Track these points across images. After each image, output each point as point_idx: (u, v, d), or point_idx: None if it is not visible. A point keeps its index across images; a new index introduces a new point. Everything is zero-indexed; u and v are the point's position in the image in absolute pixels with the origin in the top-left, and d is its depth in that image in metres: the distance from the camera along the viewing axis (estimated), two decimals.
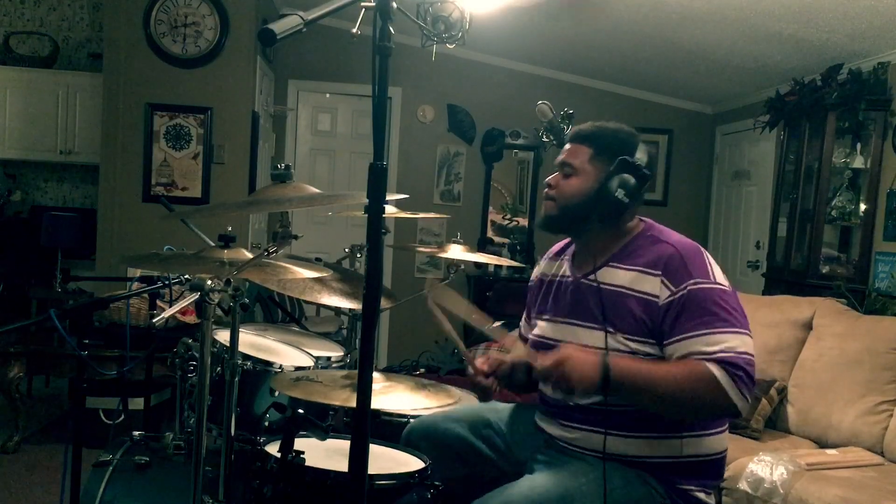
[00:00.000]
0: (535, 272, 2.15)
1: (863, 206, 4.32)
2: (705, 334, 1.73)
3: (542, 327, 2.03)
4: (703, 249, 1.86)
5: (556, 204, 1.94)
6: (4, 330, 1.83)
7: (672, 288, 1.78)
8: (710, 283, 1.77)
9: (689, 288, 1.76)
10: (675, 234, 1.91)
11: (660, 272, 1.80)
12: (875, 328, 3.26)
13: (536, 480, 1.80)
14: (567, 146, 1.96)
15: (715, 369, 1.69)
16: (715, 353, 1.71)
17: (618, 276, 1.86)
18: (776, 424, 3.38)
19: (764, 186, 5.60)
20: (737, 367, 1.69)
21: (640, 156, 1.88)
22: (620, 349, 1.81)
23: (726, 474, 2.92)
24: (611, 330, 1.82)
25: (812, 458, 2.89)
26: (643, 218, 1.97)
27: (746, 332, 1.75)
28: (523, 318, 2.20)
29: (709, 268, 1.80)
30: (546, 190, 1.98)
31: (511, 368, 1.96)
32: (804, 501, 2.66)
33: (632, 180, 1.85)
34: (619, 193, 1.84)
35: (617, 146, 1.88)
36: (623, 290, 1.84)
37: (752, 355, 1.74)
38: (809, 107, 4.43)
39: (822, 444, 3.18)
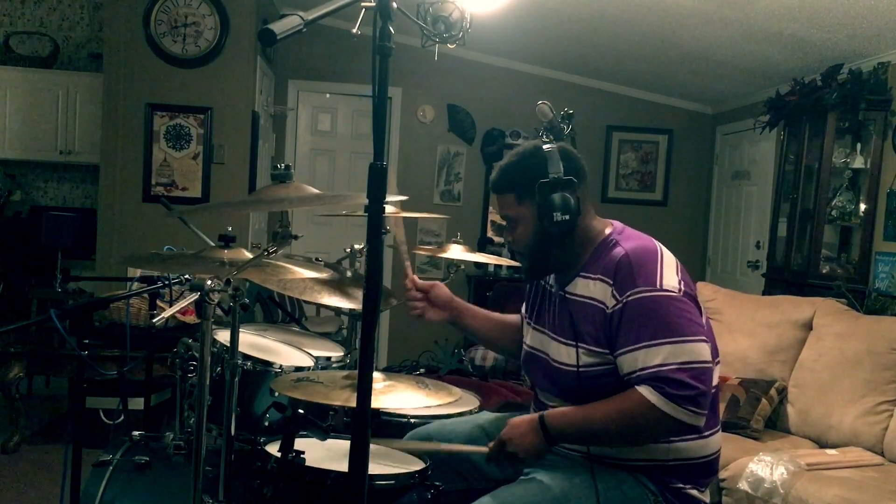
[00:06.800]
0: None
1: (863, 206, 4.32)
2: (641, 348, 1.69)
3: (530, 335, 2.04)
4: (660, 252, 1.80)
5: (523, 255, 1.95)
6: (4, 330, 1.83)
7: (618, 297, 1.75)
8: (652, 291, 1.72)
9: (630, 297, 1.73)
10: (636, 237, 1.86)
11: (611, 279, 1.77)
12: (875, 328, 3.26)
13: (532, 482, 1.81)
14: (496, 200, 1.95)
15: (647, 392, 1.65)
16: (646, 371, 1.67)
17: (585, 287, 1.84)
18: (776, 424, 3.38)
19: (764, 186, 5.59)
20: (671, 383, 1.63)
21: (553, 165, 1.81)
22: (592, 367, 1.79)
23: (726, 474, 2.93)
24: (582, 346, 1.80)
25: (812, 458, 2.90)
26: (614, 222, 1.93)
27: (692, 338, 1.68)
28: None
29: (657, 274, 1.74)
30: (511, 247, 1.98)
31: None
32: (804, 501, 2.66)
33: (562, 196, 1.80)
34: (558, 216, 1.80)
35: (529, 176, 1.83)
36: (586, 300, 1.82)
37: (698, 362, 1.66)
38: (809, 107, 4.42)
39: (822, 444, 3.18)
